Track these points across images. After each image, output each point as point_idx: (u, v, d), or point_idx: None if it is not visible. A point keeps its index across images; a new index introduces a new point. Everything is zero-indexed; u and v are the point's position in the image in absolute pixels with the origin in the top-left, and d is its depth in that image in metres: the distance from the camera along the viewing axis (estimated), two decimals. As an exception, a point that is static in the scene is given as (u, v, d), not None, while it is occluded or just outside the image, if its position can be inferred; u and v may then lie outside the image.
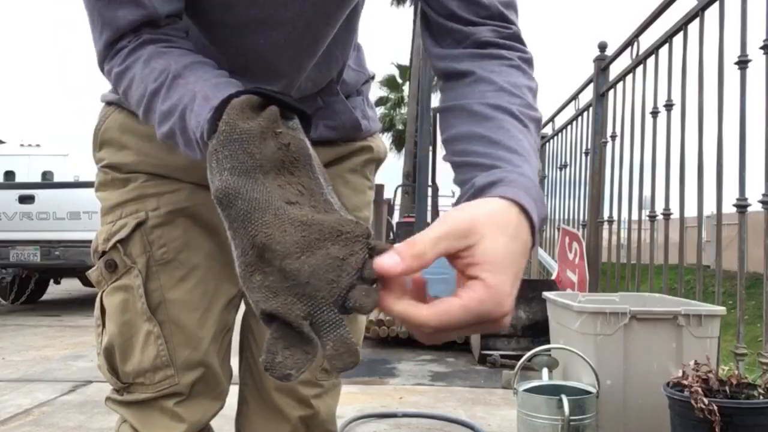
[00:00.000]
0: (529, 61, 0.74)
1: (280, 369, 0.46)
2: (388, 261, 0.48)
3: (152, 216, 0.84)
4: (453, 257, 0.52)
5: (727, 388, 1.65)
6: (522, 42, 0.74)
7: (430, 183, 6.74)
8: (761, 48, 2.10)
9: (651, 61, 2.99)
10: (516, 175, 0.59)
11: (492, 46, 0.72)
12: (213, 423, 0.93)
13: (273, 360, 0.46)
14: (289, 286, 0.46)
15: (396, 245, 0.50)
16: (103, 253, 0.85)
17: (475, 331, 0.54)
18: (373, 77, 1.03)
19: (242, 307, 0.91)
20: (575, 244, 3.83)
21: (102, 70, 0.74)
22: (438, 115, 0.77)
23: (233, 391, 0.97)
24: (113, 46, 0.72)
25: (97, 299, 0.88)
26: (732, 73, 2.27)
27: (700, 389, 1.61)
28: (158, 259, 0.84)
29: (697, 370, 1.70)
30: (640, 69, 3.12)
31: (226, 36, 0.79)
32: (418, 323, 0.49)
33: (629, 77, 3.29)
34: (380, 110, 31.88)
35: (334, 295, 0.46)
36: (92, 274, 0.87)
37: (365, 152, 0.99)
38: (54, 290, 7.57)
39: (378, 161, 1.02)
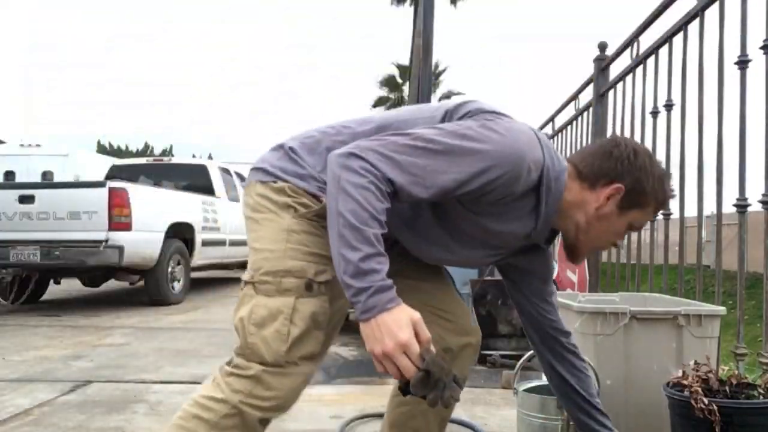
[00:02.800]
0: None
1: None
2: None
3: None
4: None
5: (727, 388, 1.65)
6: None
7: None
8: (761, 48, 2.10)
9: (651, 61, 2.99)
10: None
11: None
12: None
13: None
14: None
15: None
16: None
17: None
18: None
19: None
20: (575, 244, 3.82)
21: (374, 168, 1.12)
22: None
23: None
24: (391, 189, 1.14)
25: None
26: (732, 73, 2.27)
27: (700, 389, 1.61)
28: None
29: (697, 370, 1.70)
30: (640, 69, 3.12)
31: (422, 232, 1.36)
32: None
33: (629, 77, 3.29)
34: (380, 110, 31.86)
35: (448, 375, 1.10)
36: None
37: None
38: (54, 290, 7.56)
39: None
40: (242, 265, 8.24)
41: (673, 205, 2.72)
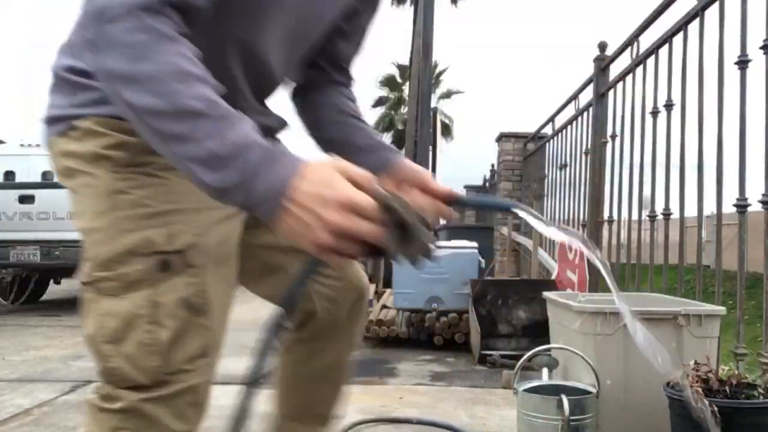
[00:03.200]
0: None
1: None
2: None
3: None
4: None
5: (727, 388, 1.65)
6: None
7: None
8: (761, 48, 2.10)
9: (651, 61, 2.99)
10: None
11: None
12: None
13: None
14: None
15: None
16: None
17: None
18: None
19: None
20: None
21: (126, 7, 0.68)
22: None
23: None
24: (167, 7, 0.71)
25: None
26: (732, 73, 2.27)
27: (700, 389, 1.61)
28: None
29: (697, 370, 1.70)
30: (640, 69, 3.12)
31: (238, 30, 0.91)
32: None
33: (629, 77, 3.29)
34: (380, 110, 31.91)
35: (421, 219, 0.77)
36: None
37: None
38: (54, 290, 7.56)
39: None
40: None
41: (673, 205, 2.72)
